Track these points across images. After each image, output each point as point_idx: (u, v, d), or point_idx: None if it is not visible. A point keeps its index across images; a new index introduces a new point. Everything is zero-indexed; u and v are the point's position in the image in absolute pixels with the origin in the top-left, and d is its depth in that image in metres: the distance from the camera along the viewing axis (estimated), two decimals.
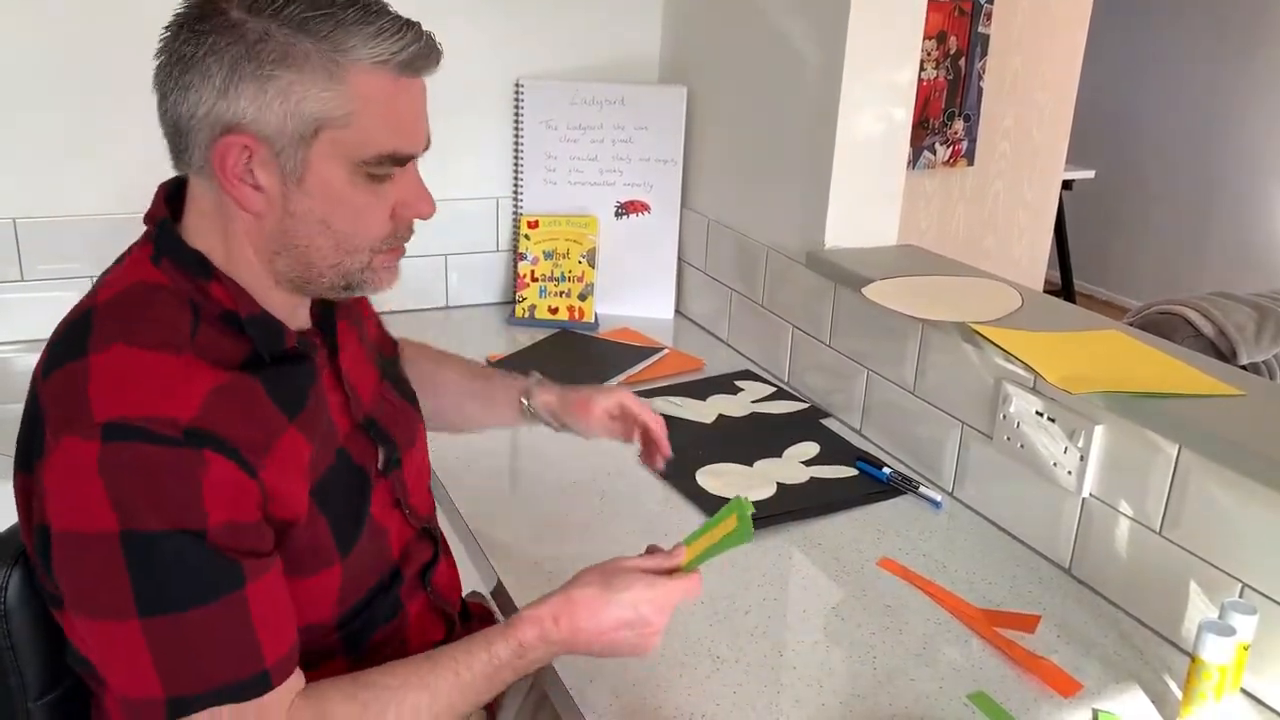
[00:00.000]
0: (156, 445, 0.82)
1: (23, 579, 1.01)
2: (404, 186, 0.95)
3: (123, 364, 0.86)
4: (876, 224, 1.85)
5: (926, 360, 1.59)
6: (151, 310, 0.90)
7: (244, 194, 0.90)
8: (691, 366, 1.97)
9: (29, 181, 1.89)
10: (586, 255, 2.19)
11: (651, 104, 2.19)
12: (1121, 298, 5.52)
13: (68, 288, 1.94)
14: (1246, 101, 4.96)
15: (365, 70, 0.87)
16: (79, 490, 0.82)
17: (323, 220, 0.92)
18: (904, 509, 1.51)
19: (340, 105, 0.87)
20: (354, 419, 1.05)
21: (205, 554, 0.84)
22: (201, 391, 0.86)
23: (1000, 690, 1.13)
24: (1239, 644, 1.06)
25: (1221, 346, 2.31)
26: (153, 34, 0.94)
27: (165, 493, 0.82)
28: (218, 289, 0.93)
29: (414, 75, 0.91)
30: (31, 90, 1.86)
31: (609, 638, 0.98)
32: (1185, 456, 1.20)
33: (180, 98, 0.88)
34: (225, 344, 0.92)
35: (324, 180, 0.90)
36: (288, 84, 0.86)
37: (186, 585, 0.84)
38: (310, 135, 0.88)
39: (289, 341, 0.97)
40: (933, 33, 2.53)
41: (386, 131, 0.90)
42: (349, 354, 1.08)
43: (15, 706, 1.04)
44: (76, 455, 0.82)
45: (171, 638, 0.84)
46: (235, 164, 0.88)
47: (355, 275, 0.97)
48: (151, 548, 0.82)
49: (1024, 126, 2.85)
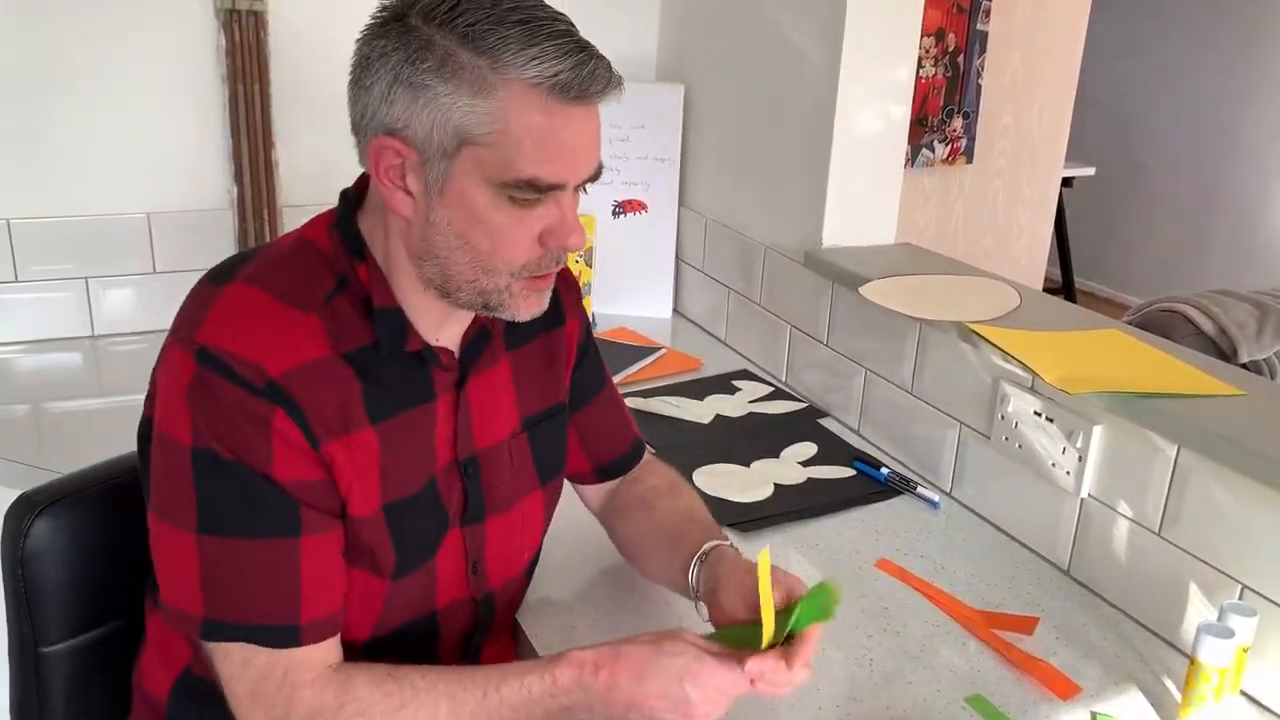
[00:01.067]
0: (234, 385, 0.87)
1: (45, 529, 1.07)
2: (554, 214, 0.92)
3: (248, 302, 0.91)
4: (874, 222, 1.84)
5: (924, 360, 1.59)
6: (300, 267, 0.94)
7: (395, 196, 0.91)
8: (689, 366, 1.96)
9: (22, 182, 1.88)
10: (583, 255, 2.18)
11: (649, 102, 2.18)
12: (1122, 295, 5.51)
13: (62, 288, 1.94)
14: (1247, 98, 4.95)
15: (517, 90, 0.85)
16: (172, 398, 0.89)
17: (460, 235, 0.91)
18: (902, 509, 1.50)
19: (484, 123, 0.86)
20: (456, 454, 1.02)
21: (268, 490, 0.88)
22: (299, 356, 0.90)
23: (998, 693, 1.12)
24: (1238, 646, 1.05)
25: (1222, 344, 2.31)
26: (146, 36, 0.94)
27: (237, 429, 0.87)
28: (364, 271, 0.95)
29: (574, 102, 0.87)
30: (24, 90, 1.85)
31: (647, 703, 0.91)
32: (1184, 457, 1.19)
33: (357, 97, 0.91)
34: (355, 323, 0.94)
35: (464, 196, 0.89)
36: (438, 94, 0.86)
37: (242, 515, 0.88)
38: (454, 149, 0.87)
39: (412, 344, 0.97)
40: (931, 30, 2.51)
41: (531, 156, 0.87)
42: (485, 387, 1.05)
43: (26, 651, 1.10)
44: (175, 364, 0.89)
45: (219, 560, 0.88)
46: (388, 167, 0.90)
47: (493, 296, 0.94)
48: (217, 470, 0.88)
49: (1023, 124, 2.84)
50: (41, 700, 1.11)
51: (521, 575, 1.15)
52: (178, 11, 1.90)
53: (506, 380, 1.08)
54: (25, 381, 1.82)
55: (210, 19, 1.92)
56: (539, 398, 1.11)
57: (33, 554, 1.06)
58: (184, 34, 1.91)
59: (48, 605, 1.09)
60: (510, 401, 1.08)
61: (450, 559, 1.04)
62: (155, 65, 1.91)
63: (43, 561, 1.07)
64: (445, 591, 1.05)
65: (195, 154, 1.97)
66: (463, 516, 1.04)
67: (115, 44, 1.87)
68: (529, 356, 1.10)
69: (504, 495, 1.07)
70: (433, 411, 1.00)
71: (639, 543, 1.22)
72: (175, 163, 1.96)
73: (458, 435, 1.02)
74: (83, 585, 1.11)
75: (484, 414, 1.05)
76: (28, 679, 1.11)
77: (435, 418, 1.00)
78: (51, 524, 1.07)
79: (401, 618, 1.03)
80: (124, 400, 1.57)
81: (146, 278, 1.99)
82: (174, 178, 1.97)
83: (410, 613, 1.03)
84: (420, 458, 0.99)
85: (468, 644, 1.11)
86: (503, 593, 1.11)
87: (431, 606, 1.05)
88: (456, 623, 1.08)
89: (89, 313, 1.97)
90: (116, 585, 1.12)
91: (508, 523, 1.09)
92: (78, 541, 1.09)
